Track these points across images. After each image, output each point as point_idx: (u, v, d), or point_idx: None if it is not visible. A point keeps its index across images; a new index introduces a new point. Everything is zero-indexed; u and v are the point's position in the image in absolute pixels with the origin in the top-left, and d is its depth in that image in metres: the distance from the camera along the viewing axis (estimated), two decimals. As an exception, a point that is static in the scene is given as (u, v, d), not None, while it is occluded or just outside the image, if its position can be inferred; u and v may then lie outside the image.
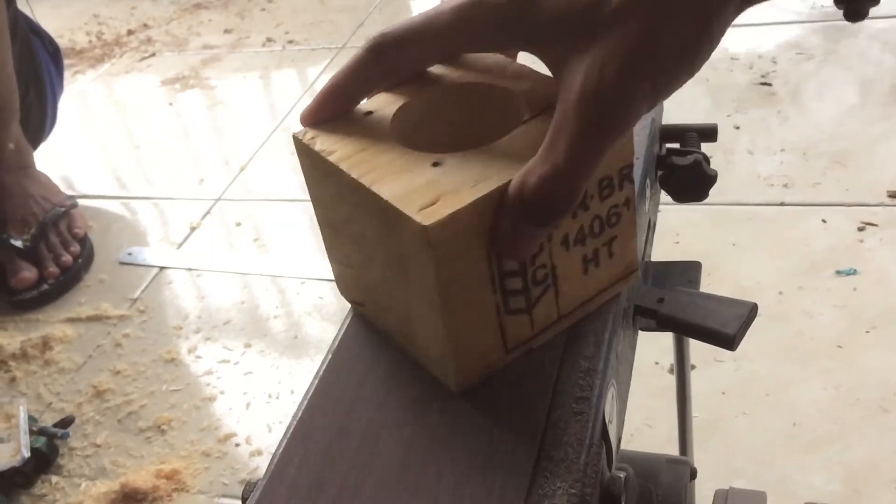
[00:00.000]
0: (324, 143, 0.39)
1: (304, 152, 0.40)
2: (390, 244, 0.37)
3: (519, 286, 0.39)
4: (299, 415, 0.41)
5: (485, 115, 0.42)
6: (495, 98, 0.41)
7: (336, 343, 0.45)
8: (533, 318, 0.41)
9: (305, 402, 0.42)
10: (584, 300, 0.43)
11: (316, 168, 0.40)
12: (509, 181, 0.35)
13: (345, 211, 0.40)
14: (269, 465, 0.39)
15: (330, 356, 0.44)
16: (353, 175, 0.37)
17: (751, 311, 0.56)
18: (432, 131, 0.42)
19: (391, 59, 0.40)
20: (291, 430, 0.40)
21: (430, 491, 0.36)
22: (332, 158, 0.38)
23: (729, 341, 0.53)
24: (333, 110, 0.41)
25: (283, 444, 0.39)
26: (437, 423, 0.39)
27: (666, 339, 0.84)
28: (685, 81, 0.35)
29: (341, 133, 0.40)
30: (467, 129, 0.42)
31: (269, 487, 0.37)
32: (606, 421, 0.42)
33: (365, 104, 0.42)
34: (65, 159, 2.15)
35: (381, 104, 0.41)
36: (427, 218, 0.34)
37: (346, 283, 0.45)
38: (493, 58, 0.43)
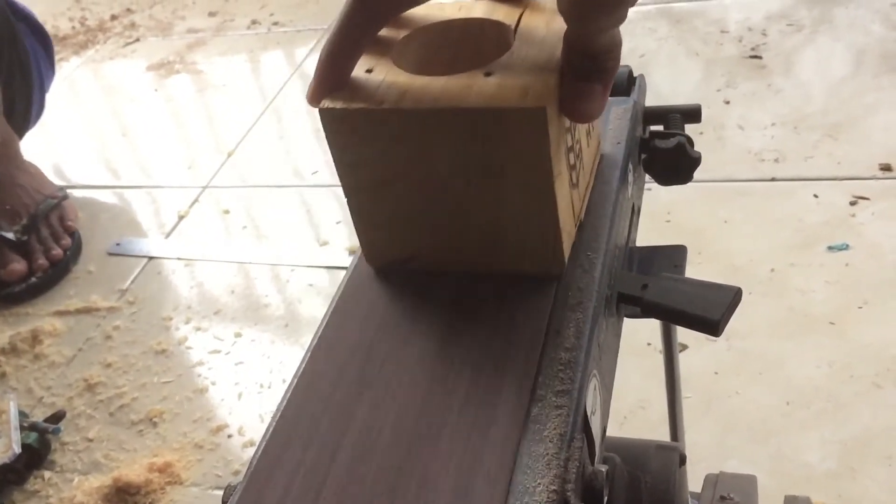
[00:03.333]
0: (360, 101, 0.39)
1: (339, 119, 0.40)
2: (482, 154, 0.39)
3: (573, 160, 0.43)
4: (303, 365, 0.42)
5: (480, 45, 0.44)
6: (486, 30, 0.44)
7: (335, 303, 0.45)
8: (579, 192, 0.45)
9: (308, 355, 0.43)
10: (589, 172, 0.48)
11: (356, 131, 0.40)
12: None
13: (402, 159, 0.40)
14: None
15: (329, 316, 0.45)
16: (425, 106, 0.37)
17: (735, 296, 0.55)
18: (438, 66, 0.43)
19: (380, 7, 0.40)
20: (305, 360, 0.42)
21: (403, 488, 0.35)
22: (386, 106, 0.38)
23: (713, 326, 0.52)
24: (339, 78, 0.40)
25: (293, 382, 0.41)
26: (420, 418, 0.38)
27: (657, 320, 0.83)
28: None
29: (365, 91, 0.39)
30: (468, 57, 0.44)
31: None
32: (588, 413, 0.41)
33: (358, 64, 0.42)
34: (51, 147, 2.12)
35: (373, 59, 0.42)
36: (536, 101, 0.36)
37: (390, 244, 0.45)
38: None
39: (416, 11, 0.44)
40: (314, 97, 0.40)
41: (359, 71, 0.41)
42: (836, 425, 1.10)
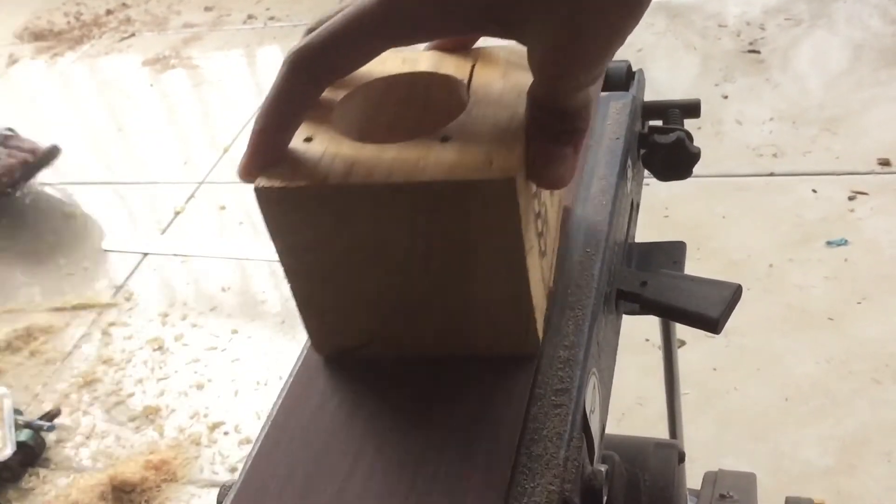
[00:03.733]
0: (301, 178, 0.34)
1: (278, 199, 0.35)
2: (444, 233, 0.35)
3: (541, 227, 0.38)
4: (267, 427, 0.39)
5: (429, 102, 0.40)
6: (435, 85, 0.40)
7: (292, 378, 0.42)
8: (548, 259, 0.41)
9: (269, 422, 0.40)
10: (555, 230, 0.44)
11: (297, 210, 0.35)
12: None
13: (351, 240, 0.36)
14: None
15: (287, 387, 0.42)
16: (378, 180, 0.33)
17: (735, 293, 0.54)
18: (384, 128, 0.40)
19: (320, 73, 0.35)
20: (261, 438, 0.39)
21: (407, 492, 0.34)
22: (332, 182, 0.34)
23: (713, 324, 0.51)
24: (275, 151, 0.36)
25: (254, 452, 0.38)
26: (413, 423, 0.38)
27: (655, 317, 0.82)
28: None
29: (306, 165, 0.35)
30: (417, 117, 0.40)
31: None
32: (588, 412, 0.41)
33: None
34: (46, 143, 2.11)
35: (311, 125, 0.37)
36: (503, 171, 0.32)
37: (340, 331, 0.41)
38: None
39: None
40: (247, 172, 0.36)
41: (297, 141, 0.36)
42: (835, 422, 1.10)
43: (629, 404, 1.17)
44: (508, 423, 0.37)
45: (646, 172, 0.67)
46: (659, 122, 0.66)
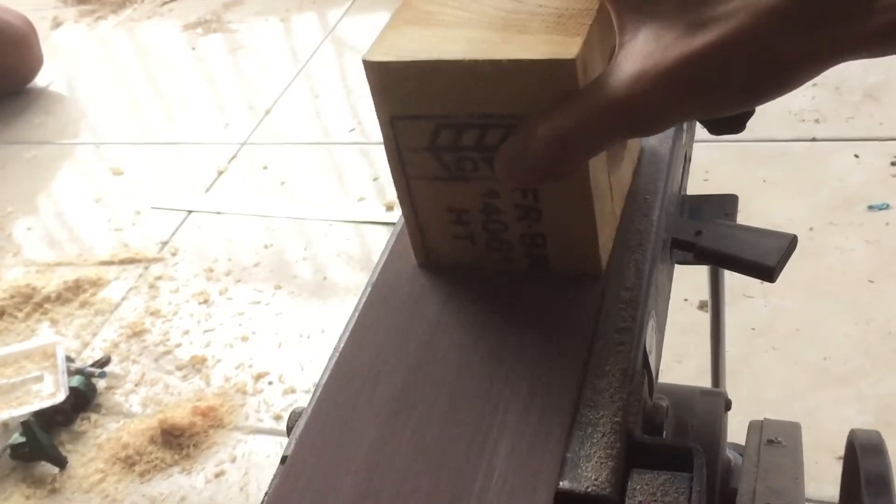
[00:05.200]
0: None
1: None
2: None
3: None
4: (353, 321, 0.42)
5: None
6: None
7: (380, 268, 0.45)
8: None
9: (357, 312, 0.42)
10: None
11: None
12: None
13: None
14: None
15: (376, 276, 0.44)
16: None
17: (791, 243, 0.55)
18: None
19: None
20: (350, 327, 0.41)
21: (476, 419, 0.36)
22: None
23: (769, 272, 0.52)
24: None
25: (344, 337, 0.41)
26: (489, 349, 0.39)
27: (695, 274, 0.83)
28: (738, 111, 0.32)
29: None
30: None
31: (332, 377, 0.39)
32: (647, 351, 0.42)
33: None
34: (90, 107, 2.15)
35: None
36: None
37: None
38: None
39: None
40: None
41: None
42: (874, 381, 1.11)
43: (667, 361, 1.19)
44: (574, 356, 0.38)
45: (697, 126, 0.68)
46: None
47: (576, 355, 0.38)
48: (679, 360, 1.19)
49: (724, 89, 0.30)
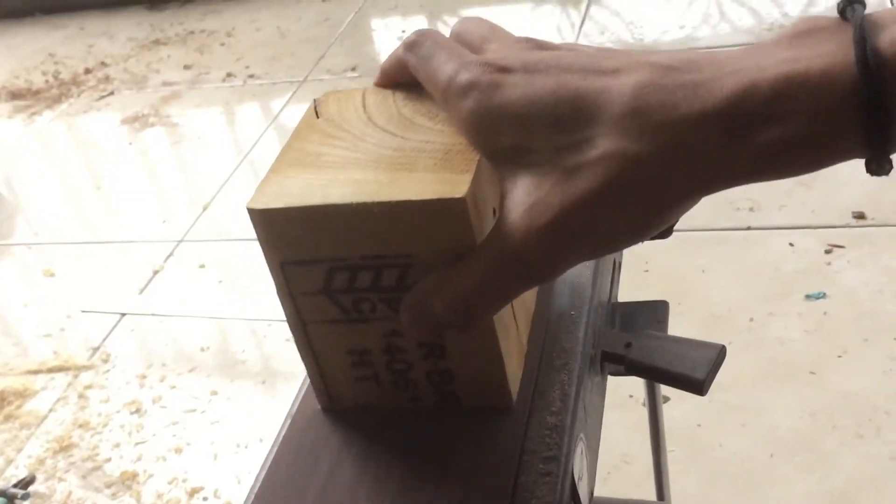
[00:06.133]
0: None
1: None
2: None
3: None
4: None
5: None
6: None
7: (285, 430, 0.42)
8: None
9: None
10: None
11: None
12: None
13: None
14: None
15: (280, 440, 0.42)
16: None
17: (719, 354, 0.54)
18: None
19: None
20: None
21: None
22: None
23: (699, 386, 0.51)
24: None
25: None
26: (401, 488, 0.37)
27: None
28: (628, 246, 0.33)
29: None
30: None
31: None
32: (576, 479, 0.40)
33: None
34: (26, 204, 2.10)
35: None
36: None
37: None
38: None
39: None
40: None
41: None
42: (821, 477, 1.10)
43: (615, 462, 1.17)
44: (498, 492, 0.36)
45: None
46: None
47: (500, 491, 0.36)
48: (626, 461, 1.17)
49: (612, 229, 0.31)
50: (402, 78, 0.38)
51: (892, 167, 0.29)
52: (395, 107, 0.38)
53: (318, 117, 0.39)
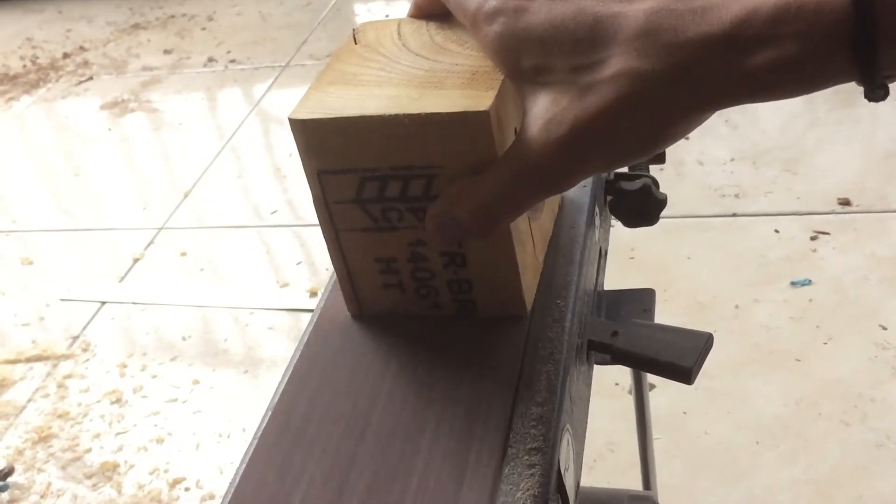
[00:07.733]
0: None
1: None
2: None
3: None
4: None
5: None
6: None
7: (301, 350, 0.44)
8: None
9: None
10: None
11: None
12: None
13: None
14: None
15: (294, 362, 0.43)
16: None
17: (706, 342, 0.53)
18: None
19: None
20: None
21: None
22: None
23: (686, 374, 0.51)
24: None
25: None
26: (419, 386, 0.39)
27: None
28: (639, 160, 0.36)
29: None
30: None
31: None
32: (562, 470, 0.40)
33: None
34: (4, 191, 2.07)
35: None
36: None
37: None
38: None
39: None
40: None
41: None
42: (807, 465, 1.09)
43: (600, 450, 1.16)
44: (481, 483, 0.36)
45: (612, 218, 0.67)
46: (625, 169, 0.66)
47: (484, 482, 0.36)
48: (612, 450, 1.16)
49: (624, 142, 0.34)
50: (431, 9, 0.42)
51: (886, 93, 0.31)
52: (427, 35, 0.41)
53: (356, 44, 0.42)
